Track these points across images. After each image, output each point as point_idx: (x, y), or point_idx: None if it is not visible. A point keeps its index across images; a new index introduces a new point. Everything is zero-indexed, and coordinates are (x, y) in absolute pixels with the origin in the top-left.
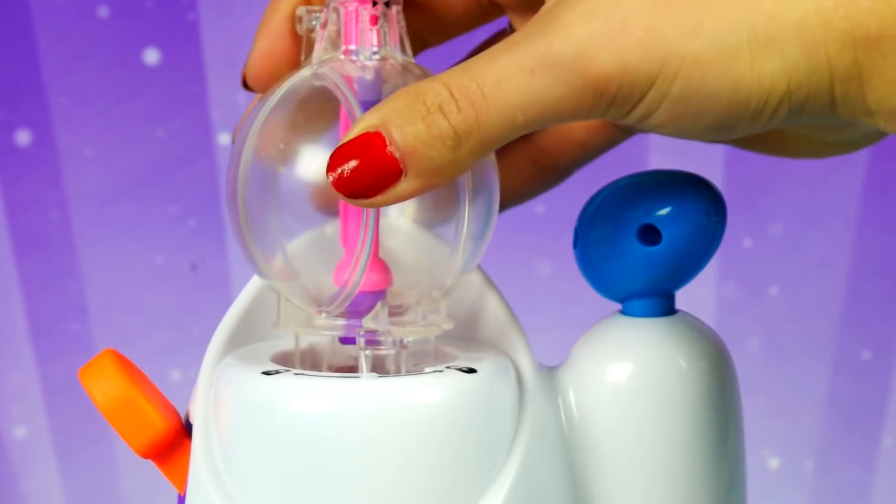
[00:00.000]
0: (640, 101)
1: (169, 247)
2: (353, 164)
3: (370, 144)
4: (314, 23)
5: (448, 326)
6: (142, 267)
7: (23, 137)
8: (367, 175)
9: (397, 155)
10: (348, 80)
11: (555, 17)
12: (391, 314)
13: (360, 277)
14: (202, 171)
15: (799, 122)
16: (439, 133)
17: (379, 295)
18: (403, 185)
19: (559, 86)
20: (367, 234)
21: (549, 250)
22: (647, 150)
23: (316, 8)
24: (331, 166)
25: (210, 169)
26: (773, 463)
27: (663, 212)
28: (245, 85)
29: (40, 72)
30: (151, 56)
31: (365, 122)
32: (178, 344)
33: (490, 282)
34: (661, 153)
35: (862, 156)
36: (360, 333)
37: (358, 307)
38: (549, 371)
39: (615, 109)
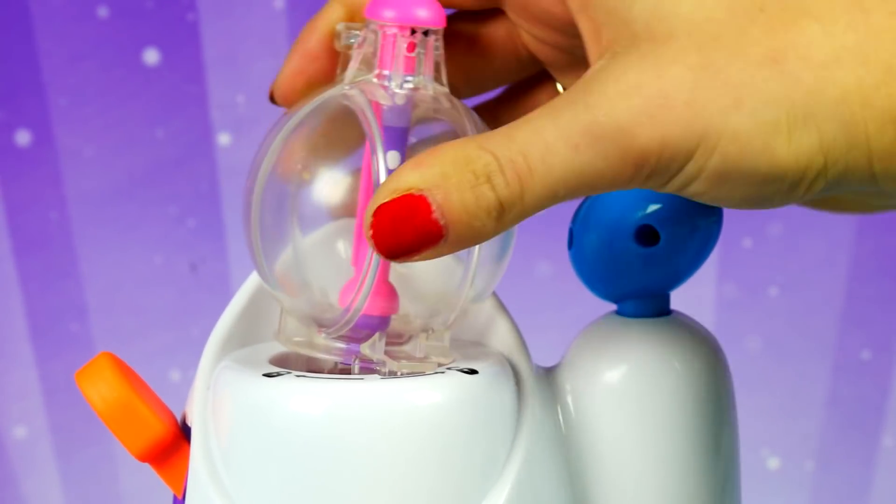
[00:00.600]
0: (678, 173)
1: (169, 247)
2: (395, 224)
3: (415, 208)
4: (352, 41)
5: (445, 360)
6: (141, 267)
7: (23, 138)
8: (408, 237)
9: (441, 221)
10: (377, 105)
11: (599, 89)
12: (392, 342)
13: (363, 303)
14: (202, 171)
15: (839, 193)
16: (486, 205)
17: (383, 321)
18: (441, 248)
19: (600, 161)
20: (373, 258)
21: (548, 251)
22: None
23: (356, 25)
24: (371, 223)
25: (210, 169)
26: (773, 463)
27: (661, 213)
28: (272, 100)
29: (40, 72)
30: (151, 56)
31: (407, 183)
32: (178, 344)
33: None
34: None
35: None
36: (355, 360)
37: (359, 332)
38: (546, 372)
39: (654, 180)
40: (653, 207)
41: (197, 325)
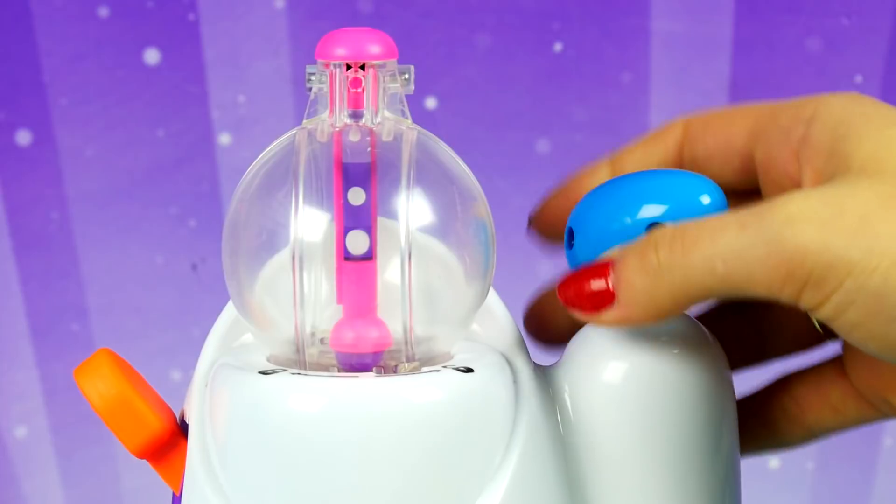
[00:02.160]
0: (835, 289)
1: (169, 247)
2: (580, 280)
3: (599, 268)
4: (312, 82)
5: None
6: (142, 267)
7: (23, 137)
8: (585, 292)
9: (612, 281)
10: (337, 142)
11: (786, 195)
12: (387, 370)
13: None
14: (202, 171)
15: None
16: (646, 264)
17: (374, 357)
18: (610, 313)
19: (761, 246)
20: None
21: (549, 251)
22: None
23: (314, 68)
24: (566, 281)
25: (210, 169)
26: (774, 463)
27: (670, 212)
28: (531, 225)
29: (41, 72)
30: (152, 56)
31: (608, 253)
32: (179, 344)
33: None
34: None
35: None
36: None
37: (350, 365)
38: (545, 370)
39: (809, 292)
40: (661, 207)
41: (198, 324)
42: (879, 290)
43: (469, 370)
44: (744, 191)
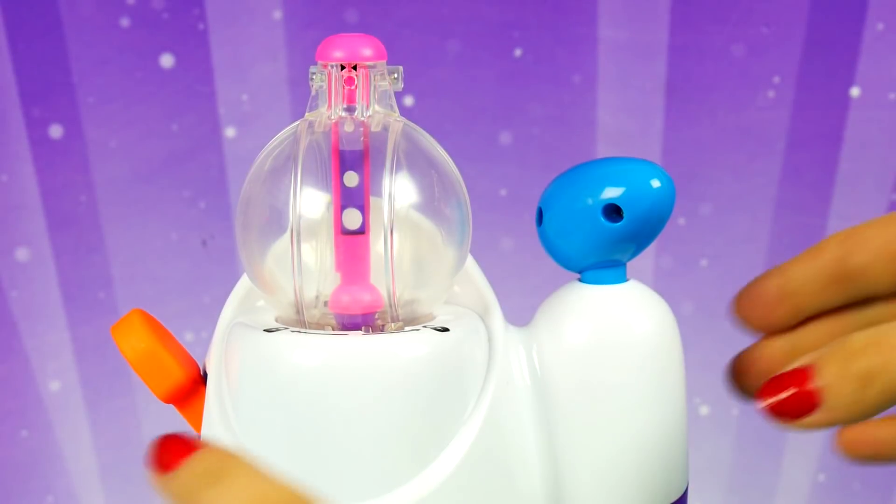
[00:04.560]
0: None
1: (183, 225)
2: (781, 389)
3: (801, 375)
4: (313, 79)
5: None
6: (159, 242)
7: (56, 131)
8: (789, 401)
9: (815, 387)
10: (335, 132)
11: None
12: (375, 329)
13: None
14: (211, 159)
15: None
16: (852, 369)
17: (364, 317)
18: (815, 417)
19: None
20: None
21: (510, 228)
22: (594, 140)
23: (316, 68)
24: (766, 390)
25: (218, 158)
26: (704, 410)
27: (625, 193)
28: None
29: (70, 74)
30: (167, 60)
31: (809, 357)
32: (191, 309)
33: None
34: (606, 144)
35: (779, 147)
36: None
37: (346, 325)
38: (517, 330)
39: None
40: (618, 189)
41: (207, 293)
42: None
43: (445, 329)
44: None
